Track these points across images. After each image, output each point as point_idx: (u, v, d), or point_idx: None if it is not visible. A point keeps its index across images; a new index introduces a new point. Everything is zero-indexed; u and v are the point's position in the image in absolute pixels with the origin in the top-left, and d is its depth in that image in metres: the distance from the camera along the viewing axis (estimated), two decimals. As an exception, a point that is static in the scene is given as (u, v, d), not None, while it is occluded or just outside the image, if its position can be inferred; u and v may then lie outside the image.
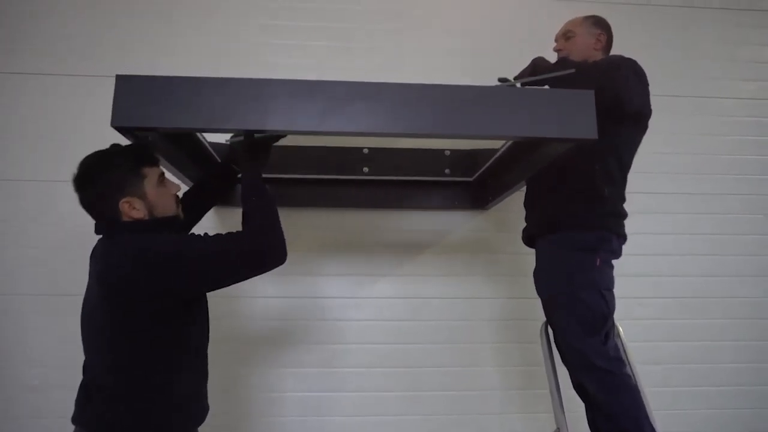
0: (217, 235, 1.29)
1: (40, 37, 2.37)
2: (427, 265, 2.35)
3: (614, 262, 1.71)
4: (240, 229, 1.33)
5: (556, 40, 1.94)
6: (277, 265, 1.33)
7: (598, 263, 1.65)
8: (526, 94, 1.42)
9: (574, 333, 1.65)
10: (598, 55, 1.84)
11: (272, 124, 1.32)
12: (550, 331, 1.84)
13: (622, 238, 1.72)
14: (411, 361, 2.27)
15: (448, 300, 2.33)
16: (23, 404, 2.10)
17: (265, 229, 1.32)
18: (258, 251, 1.29)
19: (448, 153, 2.31)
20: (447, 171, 2.30)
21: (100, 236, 1.32)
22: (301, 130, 1.34)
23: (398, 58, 2.50)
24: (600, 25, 1.88)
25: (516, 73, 1.86)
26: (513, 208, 2.36)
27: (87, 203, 1.30)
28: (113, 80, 1.29)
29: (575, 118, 1.38)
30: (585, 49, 1.85)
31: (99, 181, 1.28)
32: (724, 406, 2.37)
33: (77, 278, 1.40)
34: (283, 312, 2.27)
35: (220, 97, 1.31)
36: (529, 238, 1.90)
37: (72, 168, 1.29)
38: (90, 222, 1.31)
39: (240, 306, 2.24)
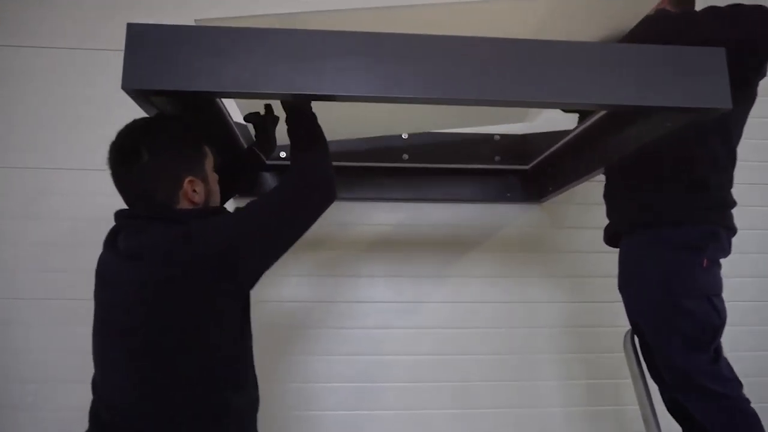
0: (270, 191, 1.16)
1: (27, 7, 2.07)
2: (476, 265, 2.09)
3: (722, 260, 1.43)
4: None
5: None
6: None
7: (705, 264, 1.37)
8: (636, 52, 1.13)
9: (677, 349, 1.38)
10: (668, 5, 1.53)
11: (326, 87, 1.04)
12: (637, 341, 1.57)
13: (732, 231, 1.43)
14: (458, 374, 2.01)
15: (500, 304, 2.07)
16: (19, 423, 1.83)
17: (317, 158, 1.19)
18: (321, 179, 1.18)
19: (497, 138, 2.05)
20: (497, 158, 2.04)
21: (132, 227, 1.06)
22: (364, 95, 1.06)
23: None
24: None
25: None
26: (572, 200, 2.12)
27: (135, 180, 1.06)
28: (117, 54, 1.02)
29: (701, 82, 1.10)
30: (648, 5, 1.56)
31: (161, 151, 1.06)
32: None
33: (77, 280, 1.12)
34: (313, 318, 2.00)
35: (261, 52, 1.03)
36: (612, 237, 1.62)
37: (68, 154, 1.03)
38: (88, 216, 1.04)
39: (264, 311, 1.96)
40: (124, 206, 1.10)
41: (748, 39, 1.28)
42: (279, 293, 1.98)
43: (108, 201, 1.12)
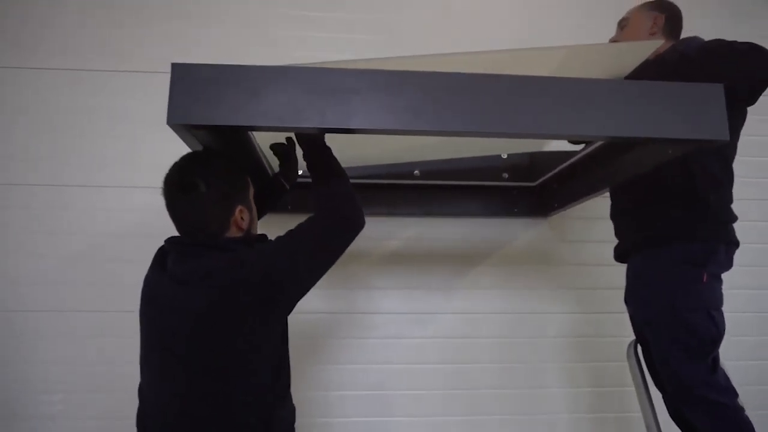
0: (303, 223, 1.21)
1: (50, 30, 2.15)
2: (485, 278, 2.16)
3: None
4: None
5: (616, 32, 1.75)
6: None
7: (705, 279, 1.45)
8: (642, 88, 1.22)
9: (678, 359, 1.46)
10: (658, 39, 1.61)
11: (356, 122, 1.12)
12: (641, 351, 1.65)
13: (733, 246, 1.51)
14: (469, 382, 2.07)
15: (509, 315, 2.14)
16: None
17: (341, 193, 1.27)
18: (349, 210, 1.25)
19: (505, 156, 2.13)
20: (505, 175, 2.12)
21: (182, 252, 1.15)
22: (388, 128, 1.14)
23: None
24: (658, 6, 1.67)
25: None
26: (576, 214, 2.19)
27: (192, 208, 1.14)
28: (131, 75, 1.10)
29: (701, 115, 1.18)
30: (639, 35, 1.65)
31: (216, 182, 1.15)
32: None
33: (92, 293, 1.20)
34: (328, 329, 2.08)
35: (293, 90, 1.11)
36: (621, 255, 1.70)
37: (84, 171, 1.10)
38: (109, 232, 1.12)
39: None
40: (170, 229, 1.18)
41: (745, 81, 1.37)
42: (297, 306, 2.03)
43: (119, 216, 1.18)
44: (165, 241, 1.18)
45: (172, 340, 1.08)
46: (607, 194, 1.76)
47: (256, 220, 1.27)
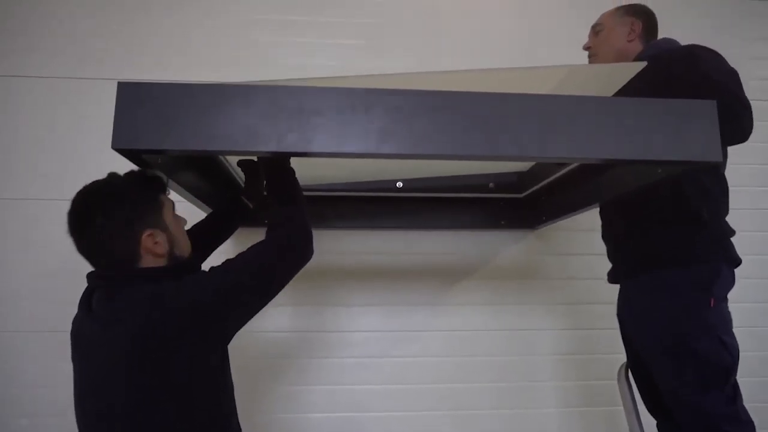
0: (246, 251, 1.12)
1: (29, 36, 2.07)
2: (471, 293, 2.08)
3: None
4: None
5: (589, 37, 1.69)
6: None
7: (712, 303, 1.35)
8: (631, 106, 1.13)
9: (691, 390, 1.35)
10: (636, 46, 1.58)
11: (318, 146, 1.04)
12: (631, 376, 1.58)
13: (735, 263, 1.42)
14: (456, 403, 2.00)
15: (495, 332, 2.06)
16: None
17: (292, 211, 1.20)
18: (296, 239, 1.17)
19: (491, 165, 2.04)
20: (491, 185, 2.03)
21: (104, 288, 1.06)
22: (353, 152, 1.05)
23: (434, 58, 2.21)
24: (633, 11, 1.62)
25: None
26: (562, 226, 2.10)
27: (94, 244, 1.06)
28: (111, 84, 1.01)
29: (691, 136, 1.10)
30: (616, 42, 1.60)
31: (114, 211, 1.05)
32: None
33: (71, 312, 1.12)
34: (302, 349, 1.99)
35: (248, 111, 1.03)
36: (617, 278, 1.61)
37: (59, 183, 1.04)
38: None
39: (254, 341, 1.95)
40: None
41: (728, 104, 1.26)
42: (270, 323, 1.97)
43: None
44: (87, 276, 1.10)
45: (102, 384, 1.00)
46: (598, 207, 1.67)
47: (180, 241, 1.15)
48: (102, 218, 1.04)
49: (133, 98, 1.01)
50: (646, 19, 1.60)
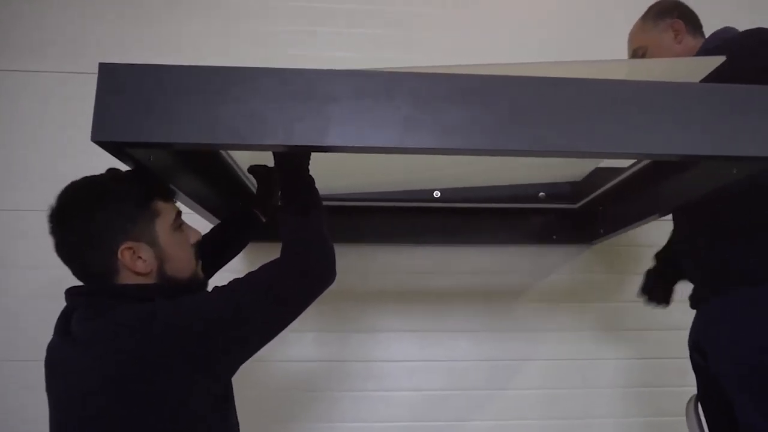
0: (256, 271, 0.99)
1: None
2: (520, 317, 1.89)
3: None
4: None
5: None
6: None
7: None
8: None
9: None
10: (689, 42, 1.43)
11: (330, 138, 0.87)
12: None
13: None
14: (498, 442, 1.79)
15: (548, 362, 1.86)
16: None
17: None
18: (314, 260, 1.02)
19: (541, 173, 1.85)
20: (542, 195, 1.83)
21: (84, 306, 0.92)
22: (374, 145, 0.89)
23: (460, 51, 2.04)
24: (663, 12, 1.47)
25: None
26: (623, 242, 1.90)
27: (68, 249, 0.93)
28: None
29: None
30: (668, 52, 1.45)
31: (91, 215, 0.91)
32: None
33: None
34: (323, 380, 1.81)
35: (252, 97, 0.87)
36: (701, 300, 1.41)
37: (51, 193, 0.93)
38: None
39: (269, 372, 1.78)
40: None
41: None
42: (286, 352, 1.79)
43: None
44: (65, 292, 0.96)
45: (80, 414, 0.86)
46: (666, 218, 1.46)
47: (177, 259, 0.99)
48: (78, 220, 0.91)
49: (117, 82, 0.87)
50: (681, 11, 1.46)
